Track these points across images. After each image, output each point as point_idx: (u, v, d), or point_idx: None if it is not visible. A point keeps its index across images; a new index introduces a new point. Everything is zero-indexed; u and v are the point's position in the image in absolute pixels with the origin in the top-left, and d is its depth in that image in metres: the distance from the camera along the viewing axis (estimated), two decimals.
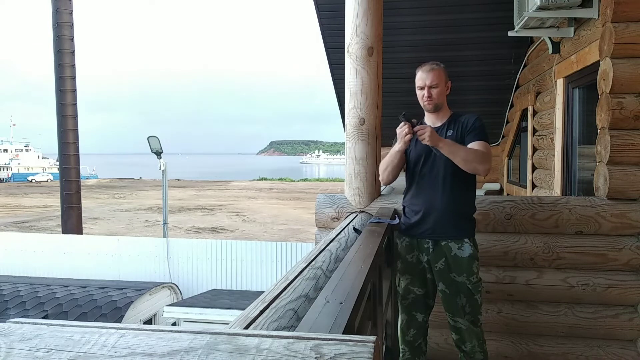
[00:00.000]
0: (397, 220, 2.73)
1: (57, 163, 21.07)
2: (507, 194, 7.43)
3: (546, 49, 5.03)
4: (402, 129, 2.45)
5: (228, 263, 10.85)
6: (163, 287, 9.75)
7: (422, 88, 2.52)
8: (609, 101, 2.88)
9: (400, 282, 2.67)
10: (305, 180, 71.15)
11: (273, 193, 45.81)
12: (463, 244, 2.49)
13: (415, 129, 2.40)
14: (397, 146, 2.54)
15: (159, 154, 12.84)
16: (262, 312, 1.11)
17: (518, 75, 6.61)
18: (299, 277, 1.44)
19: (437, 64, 2.53)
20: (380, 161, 3.25)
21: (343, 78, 3.16)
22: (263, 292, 1.29)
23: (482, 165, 2.40)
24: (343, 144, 3.34)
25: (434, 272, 2.57)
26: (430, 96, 2.50)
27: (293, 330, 1.05)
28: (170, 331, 0.74)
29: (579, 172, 4.52)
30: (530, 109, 5.95)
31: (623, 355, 2.96)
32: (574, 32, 4.39)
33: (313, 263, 1.65)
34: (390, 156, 2.60)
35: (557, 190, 4.82)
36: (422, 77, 2.51)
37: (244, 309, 1.15)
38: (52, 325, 0.77)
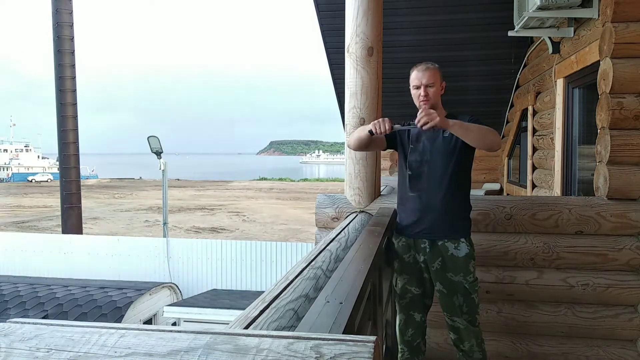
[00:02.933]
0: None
1: (57, 163, 21.07)
2: (507, 194, 7.44)
3: (546, 49, 5.04)
4: (382, 123, 2.35)
5: (228, 263, 10.85)
6: (163, 287, 9.75)
7: (417, 87, 2.49)
8: (609, 101, 2.88)
9: (397, 282, 2.67)
10: (305, 180, 71.16)
11: (273, 193, 45.82)
12: (459, 243, 2.50)
13: (419, 116, 2.25)
14: (370, 129, 2.42)
15: (159, 154, 12.84)
16: (262, 312, 1.11)
17: (518, 75, 6.61)
18: (299, 277, 1.44)
19: (432, 64, 2.51)
20: (380, 161, 3.26)
21: (343, 78, 3.16)
22: (263, 292, 1.29)
23: (496, 137, 2.37)
24: (343, 144, 3.34)
25: (431, 272, 2.57)
26: (426, 95, 2.47)
27: (293, 330, 1.05)
28: (170, 331, 0.74)
29: (579, 172, 4.52)
30: (530, 109, 5.95)
31: (623, 355, 2.96)
32: (574, 32, 4.40)
33: (313, 263, 1.65)
34: (360, 135, 2.53)
35: (557, 190, 4.82)
36: (417, 76, 2.49)
37: (243, 309, 1.15)
38: (52, 325, 0.77)
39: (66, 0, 15.37)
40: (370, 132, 2.41)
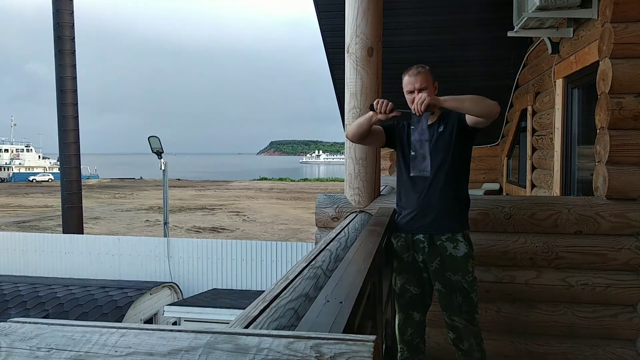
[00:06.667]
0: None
1: (58, 163, 21.08)
2: (507, 194, 7.44)
3: (545, 49, 5.04)
4: (384, 102, 2.40)
5: (228, 263, 10.85)
6: (164, 286, 9.75)
7: (411, 92, 2.50)
8: (608, 101, 2.88)
9: (396, 282, 2.67)
10: (305, 180, 71.10)
11: (273, 193, 45.80)
12: (458, 243, 2.50)
13: (412, 107, 2.35)
14: (371, 115, 2.48)
15: (159, 153, 12.85)
16: (262, 311, 1.12)
17: (517, 76, 6.61)
18: (299, 277, 1.45)
19: (422, 67, 2.52)
20: (380, 161, 3.26)
21: (343, 78, 3.16)
22: (263, 291, 1.30)
23: (491, 101, 2.35)
24: (343, 144, 3.35)
25: (430, 272, 2.57)
26: None
27: (293, 330, 1.06)
28: (171, 330, 0.75)
29: (578, 172, 4.52)
30: (529, 109, 5.95)
31: (622, 354, 2.96)
32: (573, 32, 4.40)
33: (313, 262, 1.66)
34: (360, 121, 2.58)
35: (556, 190, 4.82)
36: (410, 81, 2.50)
37: (244, 308, 1.15)
38: (52, 324, 0.78)
39: (67, 1, 15.38)
40: (372, 106, 2.45)
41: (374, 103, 2.44)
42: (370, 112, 2.49)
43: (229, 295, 9.66)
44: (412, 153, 2.56)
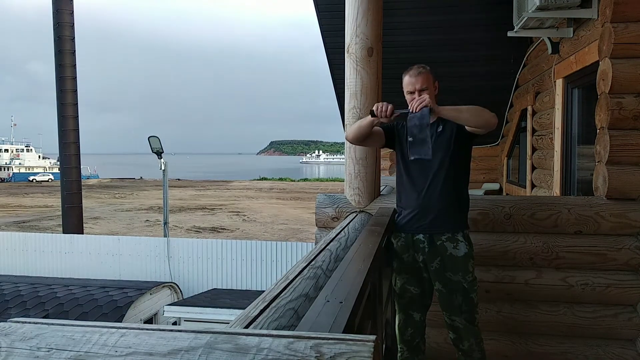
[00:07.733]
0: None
1: (58, 163, 21.08)
2: (507, 194, 7.44)
3: (545, 49, 5.04)
4: (384, 105, 2.39)
5: (228, 263, 10.85)
6: (163, 286, 9.76)
7: (412, 92, 2.49)
8: (608, 101, 2.88)
9: (396, 282, 2.67)
10: (305, 180, 71.09)
11: (273, 193, 45.81)
12: (458, 243, 2.50)
13: (416, 103, 2.33)
14: (372, 119, 2.47)
15: (159, 153, 12.85)
16: (262, 311, 1.12)
17: (517, 76, 6.61)
18: (299, 277, 1.45)
19: (423, 67, 2.51)
20: (380, 161, 3.26)
21: (343, 78, 3.16)
22: (263, 291, 1.30)
23: (489, 113, 2.37)
24: (343, 144, 3.35)
25: (430, 272, 2.57)
26: None
27: (293, 330, 1.06)
28: (171, 330, 0.75)
29: (578, 172, 4.53)
30: (529, 109, 5.95)
31: (622, 354, 2.97)
32: (573, 32, 4.40)
33: (313, 262, 1.66)
34: (361, 123, 2.57)
35: (556, 190, 4.82)
36: (410, 81, 2.49)
37: (244, 308, 1.15)
38: (52, 324, 0.78)
39: (67, 1, 15.38)
40: (372, 112, 2.43)
41: (374, 109, 2.42)
42: (372, 119, 2.47)
43: (229, 295, 9.66)
44: (410, 139, 2.45)
